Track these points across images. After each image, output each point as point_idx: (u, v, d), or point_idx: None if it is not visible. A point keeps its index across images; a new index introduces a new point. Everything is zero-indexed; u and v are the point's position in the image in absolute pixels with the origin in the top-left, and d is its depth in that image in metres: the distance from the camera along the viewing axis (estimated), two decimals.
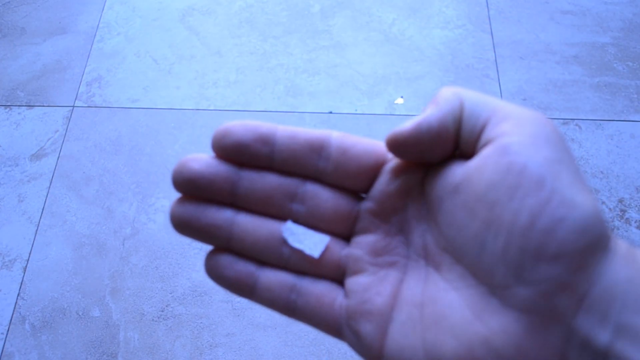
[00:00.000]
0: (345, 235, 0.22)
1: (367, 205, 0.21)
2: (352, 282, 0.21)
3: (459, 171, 0.19)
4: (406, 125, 0.19)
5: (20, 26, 1.31)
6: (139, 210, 1.03)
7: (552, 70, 1.19)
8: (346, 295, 0.21)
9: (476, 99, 0.19)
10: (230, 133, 0.20)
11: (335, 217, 0.21)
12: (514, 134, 0.18)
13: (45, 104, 1.18)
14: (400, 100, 1.16)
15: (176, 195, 0.21)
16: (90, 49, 1.26)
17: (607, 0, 1.30)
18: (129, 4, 1.34)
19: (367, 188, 0.22)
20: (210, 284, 0.94)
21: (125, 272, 0.97)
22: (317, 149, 0.21)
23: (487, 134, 0.18)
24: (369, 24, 1.28)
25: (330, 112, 1.15)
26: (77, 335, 0.92)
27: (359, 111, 1.15)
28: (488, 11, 1.29)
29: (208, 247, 0.22)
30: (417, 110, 1.14)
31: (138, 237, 1.01)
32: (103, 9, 1.33)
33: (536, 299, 0.17)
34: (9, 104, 1.19)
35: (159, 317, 0.93)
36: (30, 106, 1.18)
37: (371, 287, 0.21)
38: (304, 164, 0.21)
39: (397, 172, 0.21)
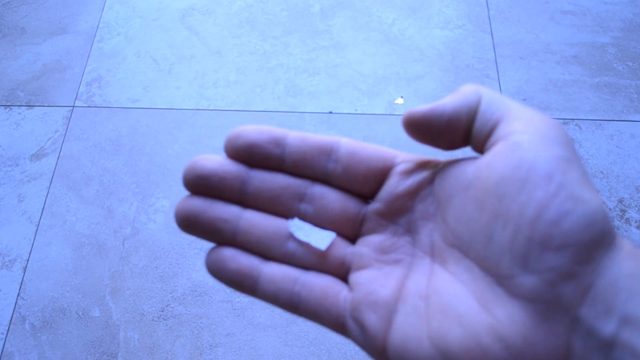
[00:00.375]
0: (351, 236, 0.22)
1: (374, 206, 0.22)
2: (357, 275, 0.21)
3: (470, 169, 0.20)
4: (423, 106, 0.20)
5: (20, 26, 1.31)
6: (139, 210, 1.03)
7: (552, 70, 1.19)
8: (351, 288, 0.21)
9: (493, 98, 0.20)
10: (244, 135, 0.21)
11: (342, 218, 0.22)
12: (525, 132, 0.18)
13: (45, 104, 1.18)
14: (400, 100, 1.16)
15: (177, 195, 0.21)
16: (90, 49, 1.26)
17: (607, 0, 1.30)
18: (129, 4, 1.34)
19: (374, 192, 0.22)
20: (211, 284, 0.94)
21: (125, 272, 0.97)
22: (327, 152, 0.22)
23: (499, 132, 0.19)
24: (369, 24, 1.28)
25: (330, 112, 1.15)
26: (77, 335, 0.92)
27: (359, 111, 1.15)
28: (488, 11, 1.29)
29: (208, 247, 0.22)
30: None
31: (138, 237, 1.01)
32: (103, 9, 1.33)
33: (542, 287, 0.17)
34: (9, 104, 1.19)
35: (159, 317, 0.93)
36: (30, 106, 1.18)
37: (376, 280, 0.21)
38: (314, 165, 0.22)
39: (407, 173, 0.22)
